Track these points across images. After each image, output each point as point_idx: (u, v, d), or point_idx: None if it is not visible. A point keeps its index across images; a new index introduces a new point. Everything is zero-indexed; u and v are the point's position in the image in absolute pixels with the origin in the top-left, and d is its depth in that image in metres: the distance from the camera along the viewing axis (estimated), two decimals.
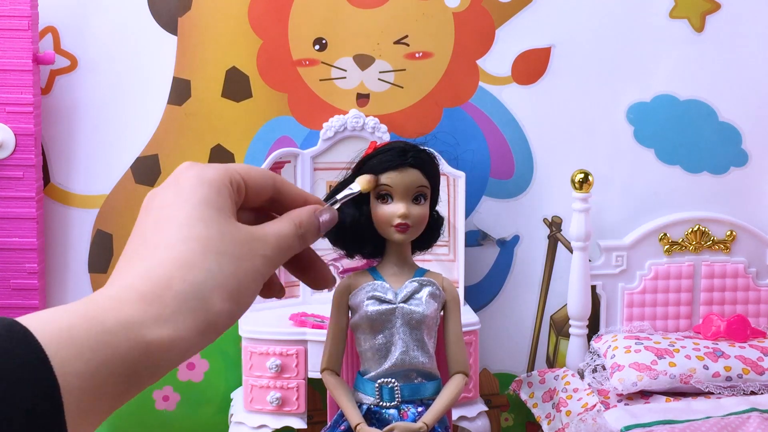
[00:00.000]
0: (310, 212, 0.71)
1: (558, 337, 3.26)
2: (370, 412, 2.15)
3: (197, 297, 0.59)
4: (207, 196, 0.64)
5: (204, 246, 0.61)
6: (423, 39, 3.09)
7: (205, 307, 0.59)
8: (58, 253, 3.10)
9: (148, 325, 0.56)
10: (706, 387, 2.85)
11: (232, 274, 0.61)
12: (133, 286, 0.58)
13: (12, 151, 2.92)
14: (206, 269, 0.60)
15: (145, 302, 0.57)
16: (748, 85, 3.19)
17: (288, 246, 0.68)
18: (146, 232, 0.63)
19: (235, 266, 0.62)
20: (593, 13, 3.13)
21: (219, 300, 0.60)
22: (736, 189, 3.24)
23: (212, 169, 0.66)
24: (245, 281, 0.62)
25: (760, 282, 3.20)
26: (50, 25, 3.02)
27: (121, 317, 0.56)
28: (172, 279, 0.59)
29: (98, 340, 0.54)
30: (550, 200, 3.19)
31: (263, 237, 0.66)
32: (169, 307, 0.58)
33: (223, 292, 0.60)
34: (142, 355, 0.56)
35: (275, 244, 0.66)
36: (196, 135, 3.09)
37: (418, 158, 2.08)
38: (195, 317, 0.58)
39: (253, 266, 0.63)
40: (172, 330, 0.57)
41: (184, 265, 0.60)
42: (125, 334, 0.55)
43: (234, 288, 0.61)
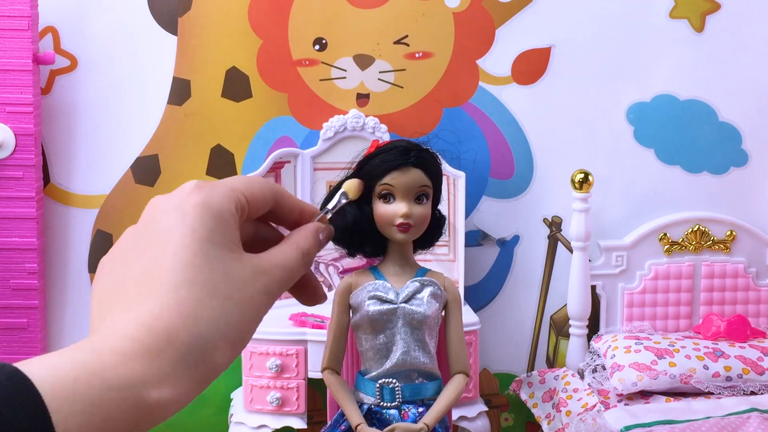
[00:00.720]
0: (314, 234, 0.70)
1: (558, 337, 3.26)
2: (371, 413, 2.15)
3: (199, 351, 0.58)
4: (213, 231, 0.61)
5: (209, 292, 0.59)
6: (423, 39, 3.09)
7: (206, 360, 0.58)
8: (58, 253, 3.10)
9: (151, 385, 0.56)
10: (706, 387, 2.85)
11: (236, 324, 0.60)
12: (138, 340, 0.57)
13: (12, 151, 2.92)
14: (209, 320, 0.59)
15: (149, 359, 0.56)
16: (748, 85, 3.19)
17: (292, 276, 0.67)
18: (145, 260, 0.61)
19: (239, 312, 0.61)
20: (593, 13, 3.13)
21: (222, 352, 0.59)
22: (736, 189, 3.24)
23: (218, 195, 0.63)
24: (248, 326, 0.61)
25: (760, 282, 3.20)
26: (50, 25, 3.02)
27: (126, 375, 0.55)
28: (175, 331, 0.57)
29: (101, 397, 0.54)
30: (550, 200, 3.19)
31: (269, 270, 0.64)
32: (171, 365, 0.57)
33: (224, 343, 0.59)
34: (143, 414, 0.55)
35: (280, 278, 0.65)
36: (196, 135, 3.09)
37: (420, 158, 2.08)
38: (196, 372, 0.58)
39: (256, 307, 0.62)
40: (173, 388, 0.57)
41: (188, 315, 0.58)
42: (127, 394, 0.55)
43: (236, 337, 0.60)
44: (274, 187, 0.69)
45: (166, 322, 0.57)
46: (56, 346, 3.14)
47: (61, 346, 3.14)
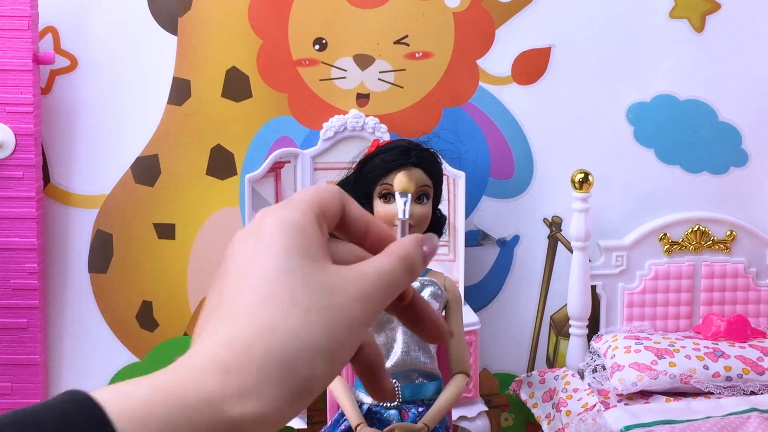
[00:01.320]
0: (414, 243, 0.64)
1: (558, 337, 3.26)
2: (371, 413, 2.15)
3: (283, 363, 0.54)
4: (290, 242, 0.58)
5: (287, 304, 0.56)
6: (423, 39, 3.09)
7: (291, 373, 0.55)
8: (58, 253, 3.10)
9: (231, 400, 0.52)
10: (706, 387, 2.85)
11: (323, 333, 0.56)
12: (215, 355, 0.54)
13: (12, 151, 2.92)
14: (290, 330, 0.55)
15: (227, 374, 0.53)
16: (748, 85, 3.19)
17: (394, 283, 0.60)
18: (225, 291, 0.58)
19: (324, 321, 0.56)
20: (593, 13, 3.13)
21: (309, 362, 0.55)
22: (736, 189, 3.24)
23: (294, 210, 0.60)
24: (340, 335, 0.57)
25: (760, 282, 3.20)
26: (50, 25, 3.02)
27: (202, 391, 0.52)
28: (253, 347, 0.54)
29: (177, 416, 0.51)
30: (550, 200, 3.19)
31: (363, 276, 0.59)
32: (253, 379, 0.53)
33: (312, 353, 0.55)
34: (226, 431, 0.52)
35: (377, 284, 0.59)
36: (196, 135, 3.09)
37: (421, 157, 2.08)
38: (281, 386, 0.54)
39: (348, 316, 0.57)
40: (257, 403, 0.53)
41: (265, 329, 0.55)
42: (206, 410, 0.51)
43: (325, 346, 0.56)
44: (340, 191, 0.65)
45: (244, 338, 0.55)
46: (56, 346, 3.14)
47: (61, 346, 3.14)
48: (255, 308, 0.56)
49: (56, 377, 3.13)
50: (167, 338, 3.15)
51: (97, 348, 3.15)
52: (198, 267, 3.13)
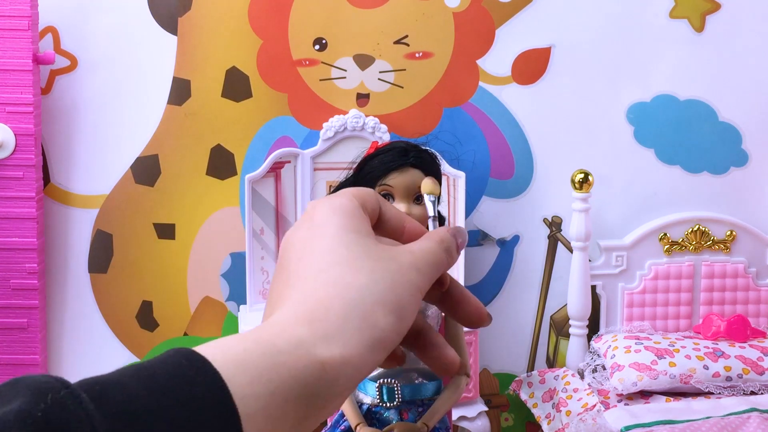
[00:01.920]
0: (448, 231, 0.70)
1: (558, 337, 3.26)
2: (371, 413, 2.15)
3: (359, 315, 0.58)
4: (343, 222, 0.63)
5: (353, 266, 0.61)
6: (423, 39, 3.09)
7: (369, 323, 0.59)
8: (58, 253, 3.10)
9: (319, 344, 0.56)
10: (706, 387, 2.85)
11: (389, 289, 0.60)
12: (294, 312, 0.58)
13: (12, 151, 2.92)
14: (362, 286, 0.60)
15: (311, 323, 0.57)
16: (748, 85, 3.19)
17: (437, 260, 0.66)
18: (290, 268, 0.63)
19: (390, 280, 0.61)
20: (593, 13, 3.13)
21: (382, 315, 0.59)
22: (736, 189, 3.24)
23: (340, 198, 0.66)
24: (403, 294, 0.61)
25: (760, 282, 3.20)
26: (50, 25, 3.02)
27: (292, 338, 0.56)
28: (331, 300, 0.59)
29: (273, 362, 0.54)
30: (550, 200, 3.19)
31: (410, 252, 0.64)
32: (334, 326, 0.57)
33: (383, 307, 0.60)
34: (318, 373, 0.56)
35: (423, 259, 0.64)
36: (196, 135, 3.09)
37: (419, 158, 2.08)
38: (361, 334, 0.58)
39: (408, 279, 0.62)
40: (342, 347, 0.57)
41: (338, 285, 0.59)
42: (298, 354, 0.55)
43: (393, 301, 0.60)
44: (376, 194, 0.70)
45: (320, 294, 0.59)
46: (56, 346, 3.14)
47: (61, 346, 3.14)
48: (324, 270, 0.60)
49: None
50: (167, 338, 3.16)
51: (97, 348, 3.15)
52: (198, 267, 3.13)
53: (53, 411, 0.47)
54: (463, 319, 0.72)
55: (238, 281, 3.12)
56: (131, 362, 3.16)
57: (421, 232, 0.71)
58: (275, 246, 3.03)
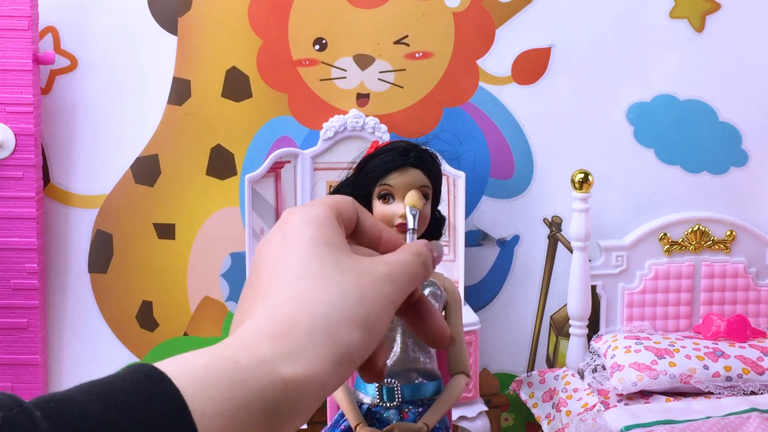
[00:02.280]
0: (424, 245, 0.69)
1: (558, 337, 3.26)
2: (371, 412, 2.15)
3: (325, 330, 0.58)
4: (315, 234, 0.63)
5: (322, 281, 0.60)
6: (423, 39, 3.09)
7: (334, 339, 0.58)
8: (58, 253, 3.10)
9: (282, 362, 0.56)
10: (706, 387, 2.85)
11: (357, 304, 0.60)
12: (259, 328, 0.58)
13: (12, 151, 2.92)
14: (330, 302, 0.59)
15: (275, 340, 0.57)
16: (748, 85, 3.19)
17: (413, 272, 0.65)
18: (260, 281, 0.62)
19: (359, 295, 0.61)
20: (593, 13, 3.13)
21: (348, 330, 0.59)
22: (736, 189, 3.24)
23: (315, 208, 0.65)
24: (373, 308, 0.61)
25: (760, 282, 3.20)
26: (50, 25, 3.02)
27: (256, 356, 0.56)
28: (296, 316, 0.58)
29: (236, 379, 0.54)
30: (550, 200, 3.19)
31: (385, 262, 0.64)
32: (299, 343, 0.57)
33: (351, 323, 0.59)
34: (281, 391, 0.55)
35: (399, 270, 0.64)
36: (196, 135, 3.09)
37: (419, 158, 2.08)
38: (327, 350, 0.58)
39: (380, 293, 0.62)
40: (306, 365, 0.56)
41: (305, 301, 0.59)
42: (261, 371, 0.55)
43: (362, 317, 0.60)
44: (354, 201, 0.70)
45: (287, 310, 0.59)
46: (56, 346, 3.14)
47: (61, 346, 3.14)
48: (292, 285, 0.60)
49: (56, 377, 3.13)
50: (167, 338, 3.16)
51: (97, 348, 3.15)
52: (198, 267, 3.13)
53: (5, 430, 0.47)
54: (425, 335, 0.71)
55: (238, 281, 3.12)
56: (131, 362, 3.16)
57: (398, 243, 0.71)
58: None
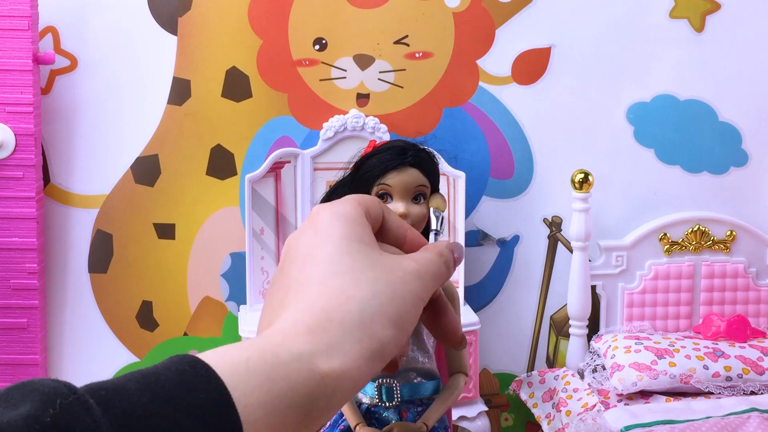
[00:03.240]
0: (446, 246, 0.72)
1: (558, 337, 3.26)
2: (370, 412, 2.15)
3: (360, 326, 0.60)
4: (346, 230, 0.64)
5: (355, 277, 0.62)
6: (423, 39, 3.10)
7: (368, 334, 0.60)
8: (58, 253, 3.10)
9: (319, 356, 0.58)
10: (706, 387, 2.85)
11: (389, 300, 0.62)
12: (297, 321, 0.59)
13: (12, 151, 2.93)
14: (363, 298, 0.61)
15: (313, 334, 0.58)
16: (748, 85, 3.19)
17: (438, 271, 0.67)
18: (292, 275, 0.64)
19: (391, 291, 0.62)
20: (593, 13, 3.13)
21: (381, 326, 0.60)
22: (736, 189, 3.24)
23: (345, 204, 0.67)
24: (404, 305, 0.62)
25: (760, 282, 3.20)
26: (50, 25, 3.02)
27: (294, 349, 0.57)
28: (332, 311, 0.60)
29: (275, 372, 0.56)
30: (550, 200, 3.19)
31: (414, 261, 0.66)
32: (335, 338, 0.59)
33: (383, 319, 0.61)
34: (318, 385, 0.57)
35: (426, 268, 0.66)
36: (196, 135, 3.09)
37: (417, 157, 2.08)
38: (361, 346, 0.59)
39: (409, 290, 0.63)
40: (342, 359, 0.58)
41: (340, 296, 0.61)
42: (299, 365, 0.57)
43: (394, 313, 0.61)
44: (380, 202, 0.71)
45: (322, 305, 0.60)
46: (56, 346, 3.14)
47: (61, 346, 3.14)
48: (326, 281, 0.62)
49: (56, 377, 3.13)
50: (167, 338, 3.16)
51: (97, 348, 3.15)
52: (198, 267, 3.13)
53: (62, 417, 0.48)
54: (438, 332, 0.73)
55: (238, 281, 3.12)
56: (131, 362, 3.16)
57: (422, 243, 0.72)
58: (275, 246, 3.03)
